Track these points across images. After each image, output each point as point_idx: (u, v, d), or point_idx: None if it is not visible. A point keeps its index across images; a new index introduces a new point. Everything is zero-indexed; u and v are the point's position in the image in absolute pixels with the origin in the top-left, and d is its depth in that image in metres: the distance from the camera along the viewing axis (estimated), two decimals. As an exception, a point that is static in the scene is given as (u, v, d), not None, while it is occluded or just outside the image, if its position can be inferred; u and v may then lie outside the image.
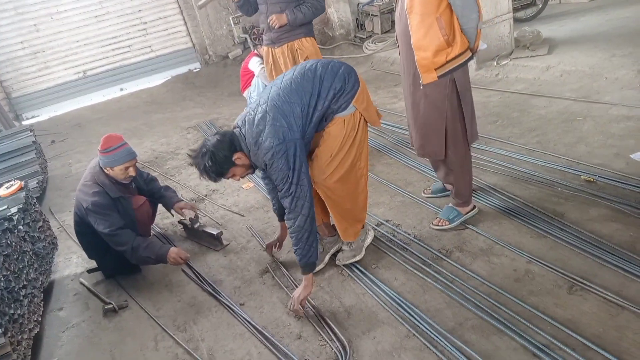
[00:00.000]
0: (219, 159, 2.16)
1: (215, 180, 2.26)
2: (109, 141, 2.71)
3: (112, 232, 2.65)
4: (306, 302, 2.32)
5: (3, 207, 2.72)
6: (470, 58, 2.37)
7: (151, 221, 3.19)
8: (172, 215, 3.30)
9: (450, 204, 2.74)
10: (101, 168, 2.76)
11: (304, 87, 2.19)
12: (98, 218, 2.66)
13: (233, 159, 2.18)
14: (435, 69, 2.32)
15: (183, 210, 3.08)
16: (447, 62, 2.29)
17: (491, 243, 2.49)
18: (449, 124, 2.45)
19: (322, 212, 2.59)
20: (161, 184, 3.22)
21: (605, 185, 2.72)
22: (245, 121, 2.22)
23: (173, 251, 2.68)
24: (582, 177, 2.84)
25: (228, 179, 2.28)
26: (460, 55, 2.30)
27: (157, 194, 3.14)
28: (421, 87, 2.41)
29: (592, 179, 2.79)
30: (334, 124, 2.26)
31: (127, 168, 2.75)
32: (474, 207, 2.75)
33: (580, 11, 6.09)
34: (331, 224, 2.67)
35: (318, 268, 2.56)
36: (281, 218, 2.63)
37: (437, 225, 2.71)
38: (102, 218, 2.66)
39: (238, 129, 2.24)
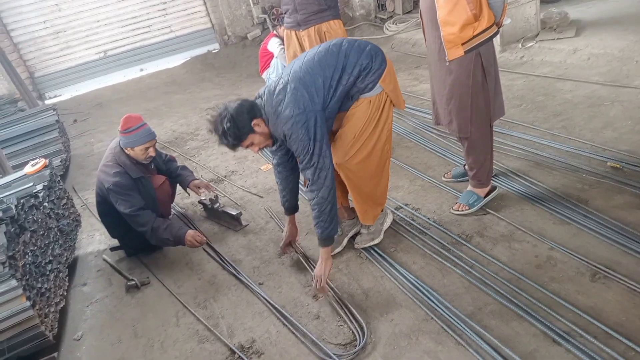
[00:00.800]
0: (239, 122, 2.12)
1: (233, 147, 2.21)
2: (128, 122, 2.73)
3: (133, 213, 2.70)
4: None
5: (29, 184, 2.78)
6: (497, 33, 2.36)
7: (171, 200, 3.23)
8: (188, 194, 3.34)
9: (469, 188, 2.72)
10: (122, 148, 2.79)
11: (327, 60, 2.16)
12: (119, 198, 2.70)
13: (252, 124, 2.15)
14: (462, 44, 2.30)
15: (199, 189, 3.11)
16: (474, 36, 2.28)
17: (512, 229, 2.47)
18: (473, 99, 2.43)
19: (342, 195, 2.58)
20: (179, 164, 3.25)
21: (632, 172, 2.65)
22: (265, 92, 2.21)
23: (190, 234, 2.72)
24: (608, 163, 2.77)
25: (246, 147, 2.24)
26: (487, 29, 2.29)
27: (174, 173, 3.18)
28: (447, 64, 2.39)
29: (618, 166, 2.72)
30: (359, 105, 2.23)
31: (147, 148, 2.78)
32: (495, 187, 2.73)
33: (611, -8, 5.87)
34: (350, 206, 2.66)
35: (336, 251, 2.56)
36: (290, 211, 2.60)
37: (457, 210, 2.69)
38: (123, 198, 2.70)
39: (259, 99, 2.22)
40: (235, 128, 2.12)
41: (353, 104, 2.25)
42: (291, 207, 2.57)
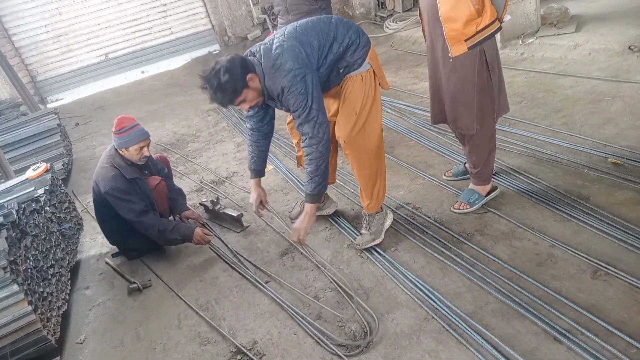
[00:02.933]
0: (234, 75, 2.07)
1: (225, 103, 2.17)
2: (122, 122, 2.76)
3: (135, 219, 2.73)
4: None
5: (30, 188, 2.79)
6: (499, 28, 2.33)
7: (168, 200, 3.22)
8: (175, 219, 3.21)
9: (470, 186, 2.71)
10: (116, 150, 2.81)
11: (320, 27, 2.25)
12: (118, 203, 2.72)
13: (247, 78, 2.12)
14: (465, 40, 2.28)
15: (188, 220, 3.09)
16: (477, 32, 2.26)
17: (513, 226, 2.46)
18: (478, 96, 2.41)
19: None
20: (176, 186, 3.24)
21: (634, 168, 2.64)
22: (260, 49, 2.21)
23: (198, 233, 2.77)
24: (609, 159, 2.76)
25: (238, 105, 2.21)
26: (489, 25, 2.27)
27: (169, 192, 3.14)
28: (450, 61, 2.37)
29: (619, 162, 2.70)
30: (353, 82, 2.29)
31: (141, 148, 2.80)
32: (495, 187, 2.72)
33: (612, -14, 5.84)
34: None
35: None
36: (256, 174, 2.63)
37: (458, 208, 2.68)
38: (122, 203, 2.72)
39: (252, 56, 2.21)
40: (232, 81, 2.07)
41: (347, 81, 2.30)
42: (258, 171, 2.64)
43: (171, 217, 3.15)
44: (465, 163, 2.89)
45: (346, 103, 2.32)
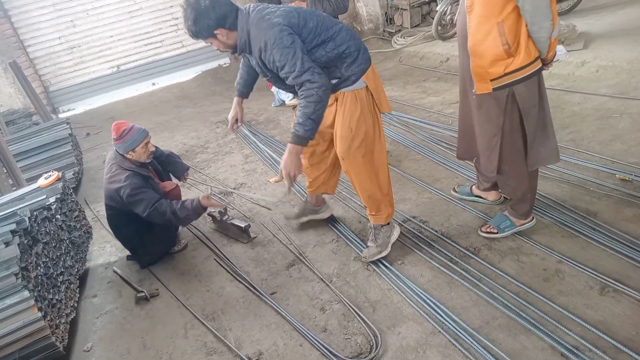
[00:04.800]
0: (201, 24, 2.07)
1: (192, 36, 2.16)
2: (120, 127, 2.82)
3: (150, 210, 2.74)
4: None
5: (42, 196, 2.83)
6: (540, 69, 2.09)
7: None
8: (181, 181, 3.33)
9: (506, 212, 2.53)
10: (122, 156, 2.86)
11: (324, 20, 2.20)
12: (137, 200, 2.74)
13: (215, 31, 2.11)
14: (491, 80, 2.08)
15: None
16: (506, 74, 2.04)
17: (520, 242, 2.46)
18: (506, 139, 2.20)
19: (328, 182, 2.80)
20: (164, 151, 3.29)
21: (642, 185, 2.64)
22: (257, 4, 2.18)
23: (204, 198, 2.80)
24: (617, 175, 2.76)
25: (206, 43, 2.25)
26: (523, 67, 2.02)
27: (165, 161, 3.22)
28: (474, 97, 2.21)
29: (627, 178, 2.70)
30: (347, 98, 2.28)
31: (146, 144, 2.87)
32: (532, 218, 2.51)
33: (619, 4, 5.87)
34: (322, 197, 2.94)
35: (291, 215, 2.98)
36: (240, 95, 2.69)
37: (485, 231, 2.54)
38: (140, 197, 2.74)
39: (241, 11, 2.15)
40: (196, 25, 2.08)
41: (341, 97, 2.29)
42: (241, 91, 2.70)
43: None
44: (472, 186, 2.89)
45: (342, 119, 2.31)
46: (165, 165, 3.25)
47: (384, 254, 2.55)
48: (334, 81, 2.24)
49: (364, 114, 2.29)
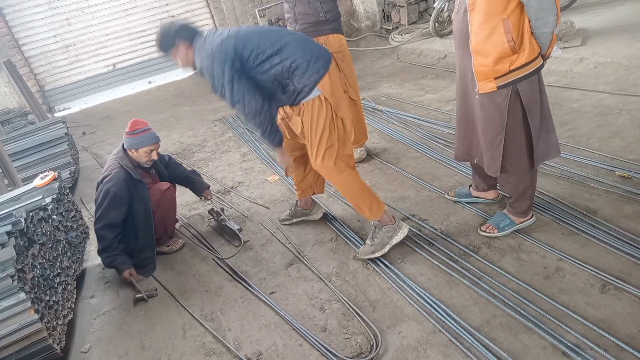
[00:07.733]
0: (166, 38, 2.37)
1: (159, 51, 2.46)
2: (136, 124, 2.86)
3: (97, 227, 2.77)
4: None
5: (38, 197, 2.81)
6: (540, 67, 2.08)
7: (175, 206, 3.21)
8: (202, 199, 3.39)
9: (505, 211, 2.53)
10: (125, 151, 2.87)
11: (269, 36, 2.29)
12: (105, 204, 2.74)
13: (176, 43, 2.37)
14: (495, 78, 2.05)
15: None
16: (511, 71, 2.02)
17: (520, 240, 2.45)
18: (509, 137, 2.19)
19: (316, 182, 2.90)
20: (186, 169, 3.36)
21: (641, 182, 2.63)
22: (210, 31, 2.37)
23: (127, 273, 2.77)
24: (616, 172, 2.75)
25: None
26: (527, 64, 2.01)
27: (184, 178, 3.27)
28: (477, 97, 2.17)
29: (627, 175, 2.70)
30: (305, 108, 2.36)
31: (151, 151, 2.88)
32: (532, 216, 2.51)
33: (617, 0, 5.87)
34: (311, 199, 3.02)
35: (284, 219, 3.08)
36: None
37: (485, 231, 2.53)
38: (105, 207, 2.74)
39: (203, 34, 2.37)
40: (162, 39, 2.39)
41: (302, 108, 2.36)
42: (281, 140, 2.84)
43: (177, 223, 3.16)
44: (470, 185, 2.86)
45: (307, 131, 2.40)
46: (186, 184, 3.29)
47: (377, 254, 2.51)
48: (290, 93, 2.32)
49: (322, 123, 2.35)
